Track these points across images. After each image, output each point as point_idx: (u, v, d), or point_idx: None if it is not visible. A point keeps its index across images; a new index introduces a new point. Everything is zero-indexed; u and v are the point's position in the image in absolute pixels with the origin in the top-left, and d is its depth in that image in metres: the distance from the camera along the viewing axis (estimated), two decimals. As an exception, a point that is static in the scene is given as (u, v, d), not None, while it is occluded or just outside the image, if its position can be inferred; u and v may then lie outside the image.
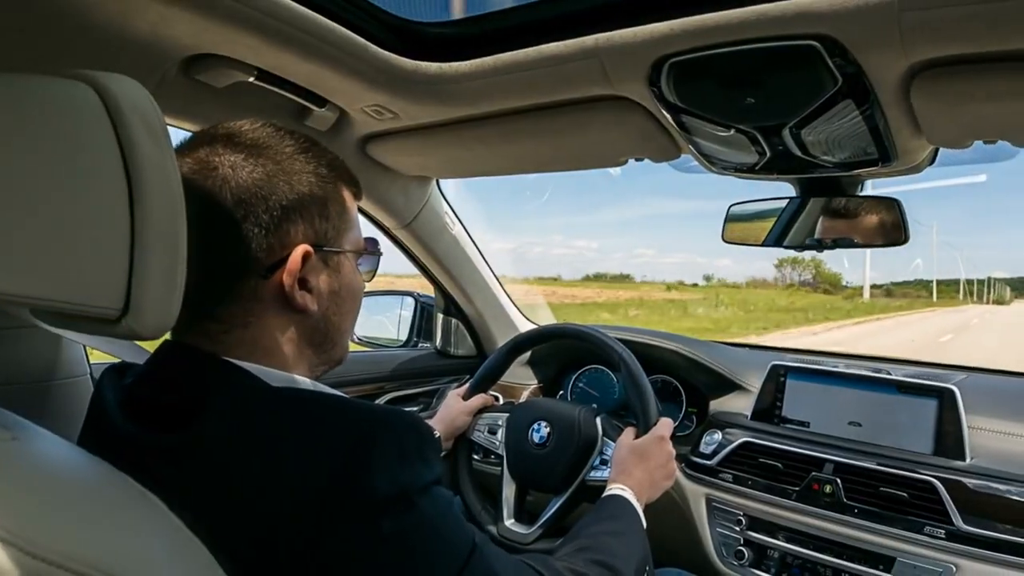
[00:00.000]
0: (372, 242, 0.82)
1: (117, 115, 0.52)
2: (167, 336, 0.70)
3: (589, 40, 0.97)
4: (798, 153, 1.13)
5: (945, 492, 1.19)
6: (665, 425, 1.21)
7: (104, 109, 0.52)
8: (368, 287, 0.85)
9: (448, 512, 0.65)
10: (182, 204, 0.56)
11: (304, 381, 0.73)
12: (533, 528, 1.25)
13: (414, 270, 1.92)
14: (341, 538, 0.56)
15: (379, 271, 0.88)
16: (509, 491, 1.34)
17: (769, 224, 1.36)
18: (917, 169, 1.20)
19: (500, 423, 1.39)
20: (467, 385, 1.47)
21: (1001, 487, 1.17)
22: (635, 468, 1.11)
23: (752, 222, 1.39)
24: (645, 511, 1.06)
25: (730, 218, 1.41)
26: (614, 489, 1.06)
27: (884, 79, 0.89)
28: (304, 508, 0.56)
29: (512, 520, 1.31)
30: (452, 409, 1.42)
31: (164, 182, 0.54)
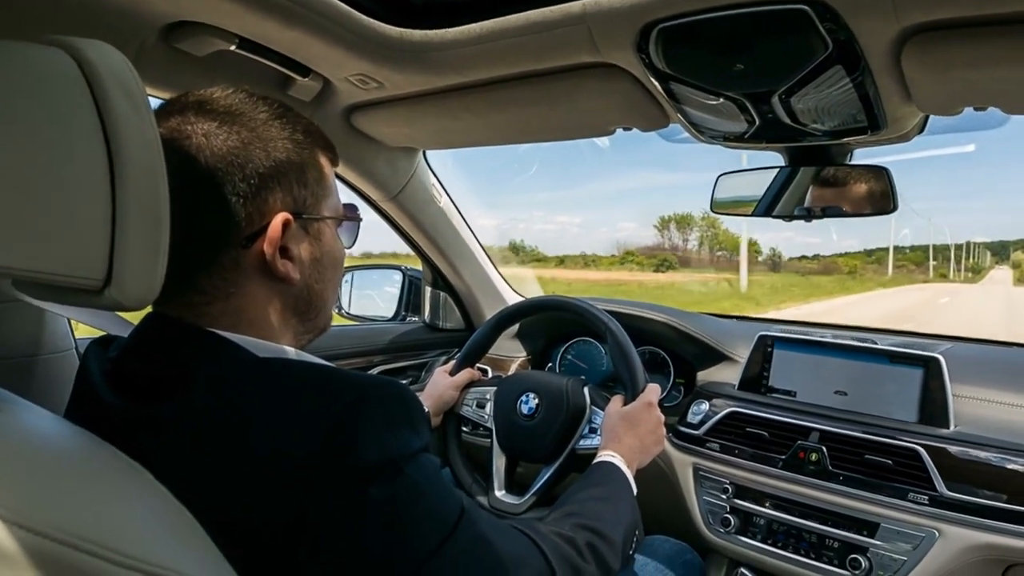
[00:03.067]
0: (352, 208, 0.82)
1: (95, 82, 0.51)
2: (150, 308, 0.69)
3: (576, 5, 0.95)
4: (787, 121, 1.12)
5: (929, 459, 1.21)
6: (653, 391, 1.21)
7: (82, 76, 0.51)
8: (356, 262, 0.84)
9: (436, 478, 0.65)
10: (163, 172, 0.55)
11: (290, 351, 0.72)
12: (524, 498, 1.26)
13: (390, 248, 1.90)
14: (330, 505, 0.56)
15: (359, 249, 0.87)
16: (499, 463, 1.34)
17: (758, 194, 1.36)
18: (906, 137, 1.20)
19: (488, 397, 1.40)
20: (454, 361, 1.47)
21: (983, 454, 1.18)
22: (625, 435, 1.12)
23: (741, 192, 1.38)
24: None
25: (719, 188, 1.40)
26: (604, 456, 1.07)
27: (875, 44, 0.88)
28: (292, 477, 0.56)
29: (503, 491, 1.31)
30: (439, 385, 1.42)
31: (144, 149, 0.53)
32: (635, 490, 1.03)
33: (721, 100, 1.08)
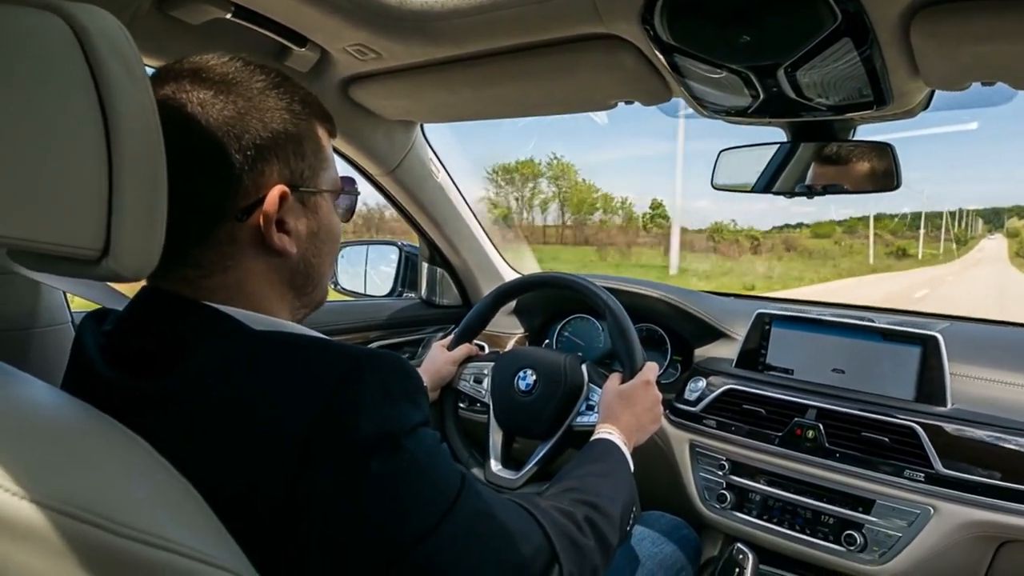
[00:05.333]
0: (349, 181, 0.80)
1: (89, 47, 0.50)
2: (144, 282, 0.69)
3: (580, -25, 0.94)
4: (792, 95, 1.11)
5: (925, 437, 1.21)
6: (651, 369, 1.21)
7: (76, 41, 0.50)
8: (352, 237, 0.83)
9: (436, 452, 0.65)
10: (160, 139, 0.54)
11: (288, 324, 0.72)
12: (520, 474, 1.26)
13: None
14: (329, 479, 0.56)
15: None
16: (496, 438, 1.35)
17: (759, 169, 1.35)
18: (911, 113, 1.19)
19: (486, 372, 1.39)
20: (451, 336, 1.46)
21: (979, 432, 1.19)
22: (622, 412, 1.12)
23: (742, 168, 1.37)
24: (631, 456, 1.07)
25: (720, 163, 1.39)
26: (601, 433, 1.07)
27: (884, 17, 0.87)
28: (290, 450, 0.56)
29: (499, 466, 1.32)
30: (437, 360, 1.42)
31: (141, 117, 0.52)
32: (632, 467, 1.03)
33: (726, 74, 1.06)
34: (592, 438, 1.07)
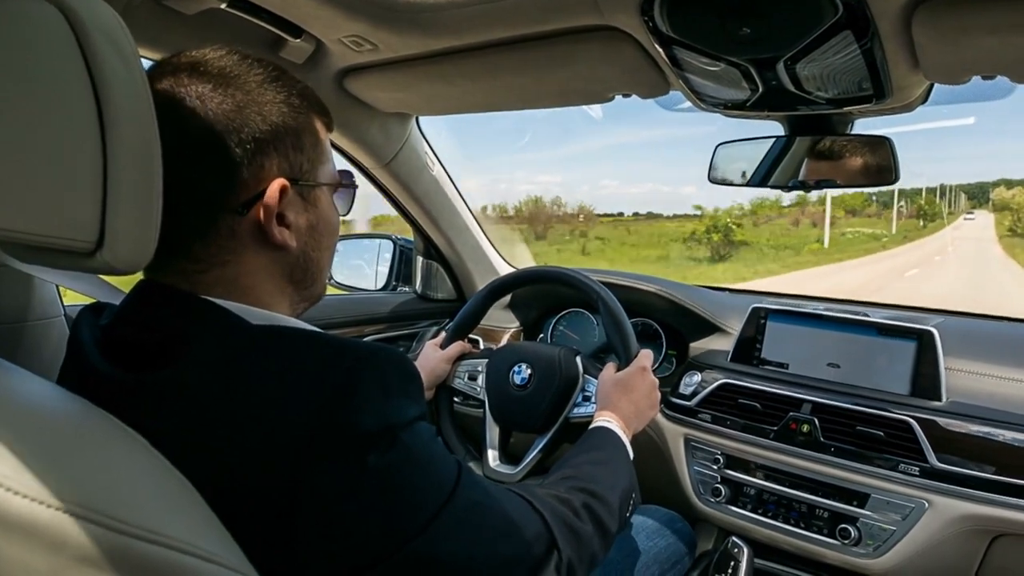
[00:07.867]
0: (347, 175, 0.80)
1: (84, 37, 0.49)
2: (141, 276, 0.68)
3: (580, -35, 0.93)
4: (791, 88, 1.10)
5: (920, 431, 1.22)
6: (646, 356, 1.21)
7: (70, 30, 0.49)
8: (345, 231, 0.82)
9: (432, 446, 0.65)
10: (155, 130, 0.53)
11: (285, 319, 0.71)
12: (518, 468, 1.26)
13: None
14: (327, 474, 0.56)
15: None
16: (492, 434, 1.34)
17: (755, 163, 1.34)
18: (910, 107, 1.19)
19: (480, 369, 1.38)
20: (444, 334, 1.45)
21: (974, 426, 1.20)
22: (620, 400, 1.12)
23: (739, 162, 1.37)
24: None
25: (716, 157, 1.39)
26: (600, 421, 1.07)
27: (886, 9, 0.86)
28: (289, 444, 0.55)
29: (497, 461, 1.31)
30: (430, 359, 1.40)
31: (136, 107, 0.52)
32: (631, 454, 1.03)
33: (725, 66, 1.06)
34: (591, 427, 1.07)
